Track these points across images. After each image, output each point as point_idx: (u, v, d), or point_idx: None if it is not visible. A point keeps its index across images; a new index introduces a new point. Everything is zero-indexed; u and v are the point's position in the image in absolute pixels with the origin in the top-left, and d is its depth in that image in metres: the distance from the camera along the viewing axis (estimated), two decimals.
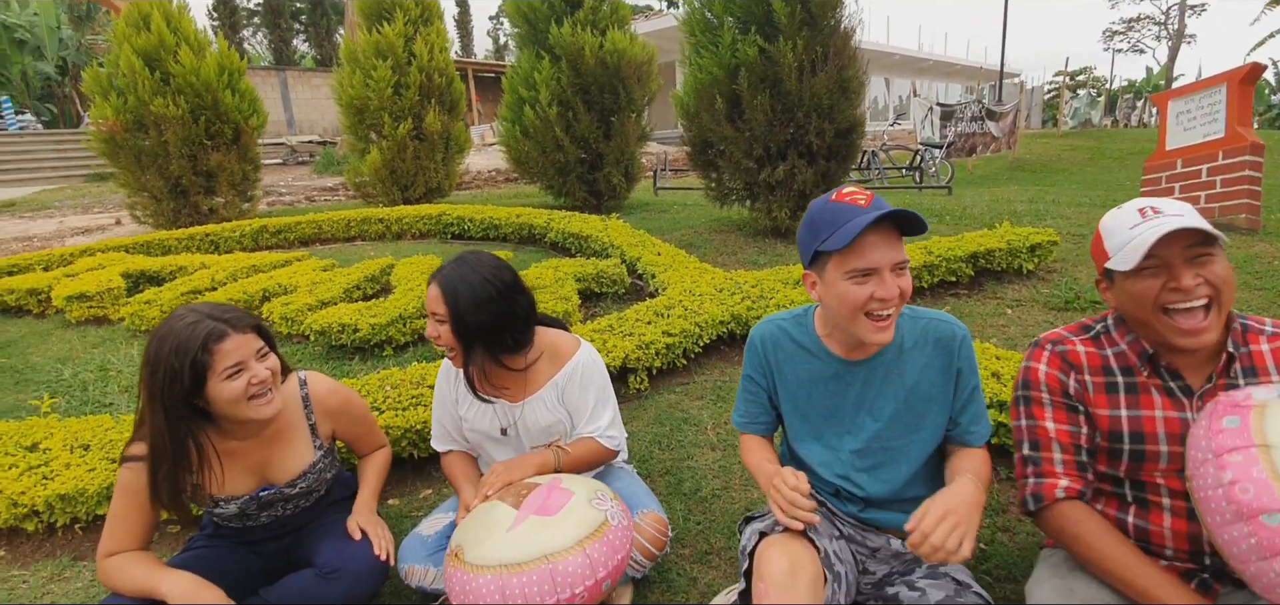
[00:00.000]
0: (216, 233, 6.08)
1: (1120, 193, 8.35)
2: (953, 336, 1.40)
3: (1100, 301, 3.52)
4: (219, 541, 1.73)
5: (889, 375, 1.42)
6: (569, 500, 1.43)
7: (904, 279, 1.29)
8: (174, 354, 1.39)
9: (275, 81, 21.53)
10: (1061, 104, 20.05)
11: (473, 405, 1.77)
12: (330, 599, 1.58)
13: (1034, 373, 1.37)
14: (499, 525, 1.41)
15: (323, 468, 1.71)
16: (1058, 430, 1.33)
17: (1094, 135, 20.11)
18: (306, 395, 1.67)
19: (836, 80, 4.42)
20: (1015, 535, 1.95)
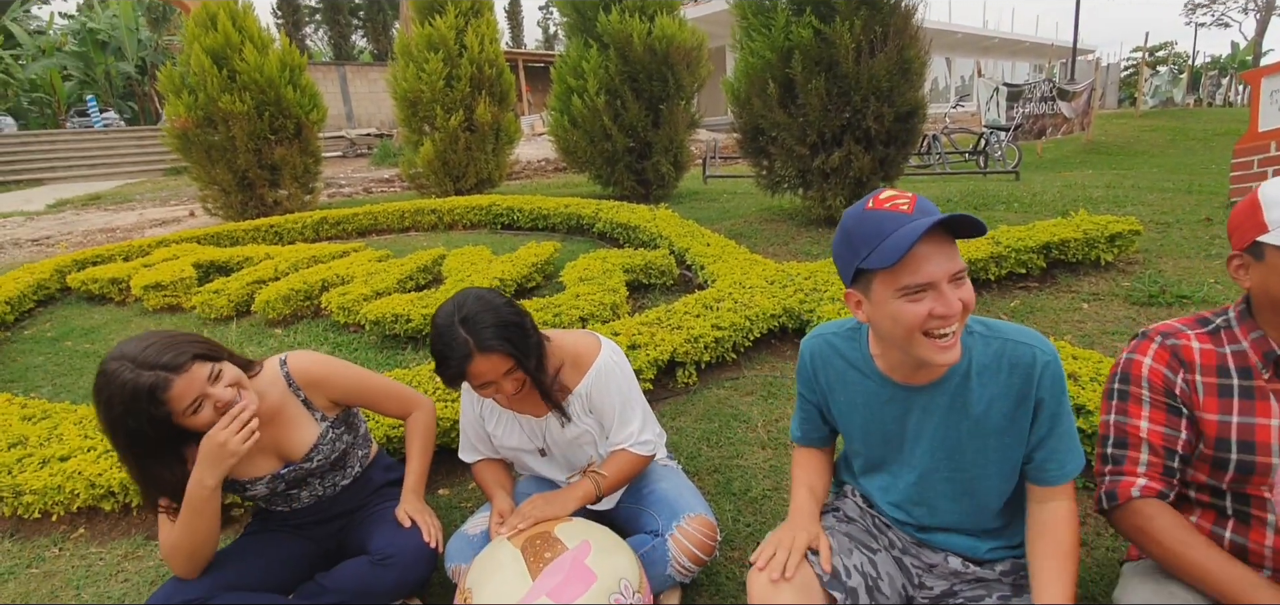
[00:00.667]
0: (280, 224, 6.32)
1: (1206, 177, 7.74)
2: (1032, 362, 1.19)
3: (1188, 297, 3.24)
4: (272, 528, 1.78)
5: (953, 404, 1.25)
6: (588, 588, 1.32)
7: (965, 289, 1.11)
8: (128, 413, 1.36)
9: (335, 76, 22.29)
10: (1140, 82, 18.76)
11: (500, 422, 1.75)
12: (383, 584, 1.61)
13: (1136, 367, 1.24)
14: (510, 592, 1.33)
15: (335, 438, 1.72)
16: (1150, 430, 1.21)
17: (1176, 115, 18.77)
18: (288, 374, 1.66)
19: (897, 61, 4.22)
20: (1093, 550, 1.81)
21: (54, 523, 2.28)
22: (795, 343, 3.21)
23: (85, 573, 2.05)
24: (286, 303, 4.06)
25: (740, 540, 1.94)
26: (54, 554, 2.15)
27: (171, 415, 1.40)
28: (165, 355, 1.39)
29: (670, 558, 1.59)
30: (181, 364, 1.39)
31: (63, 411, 2.64)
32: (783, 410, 2.65)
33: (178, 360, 1.39)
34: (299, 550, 1.77)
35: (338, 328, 3.92)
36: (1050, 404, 1.20)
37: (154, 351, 1.39)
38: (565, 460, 1.76)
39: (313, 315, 4.23)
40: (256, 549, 1.73)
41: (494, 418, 1.76)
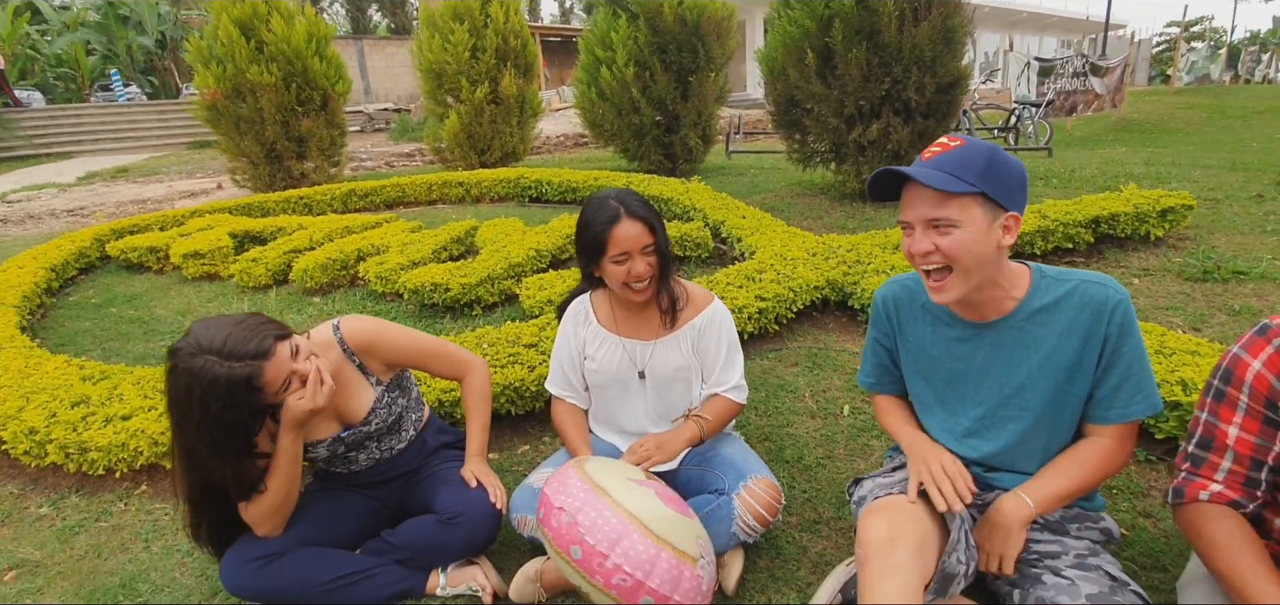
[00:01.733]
0: (309, 196, 6.35)
1: (1248, 155, 7.53)
2: (1105, 300, 1.24)
3: (1245, 273, 3.17)
4: (336, 486, 1.81)
5: (1022, 340, 1.30)
6: (688, 518, 1.44)
7: (946, 238, 1.19)
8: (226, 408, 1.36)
9: (352, 50, 22.24)
10: (1176, 57, 18.22)
11: (603, 345, 1.77)
12: (453, 542, 1.66)
13: (1242, 368, 1.12)
14: (627, 473, 1.46)
15: (391, 402, 1.74)
16: (1240, 438, 1.12)
17: (1212, 92, 18.24)
18: (341, 339, 1.67)
19: (940, 29, 4.12)
20: (1159, 522, 1.79)
21: (117, 479, 2.33)
22: (838, 315, 3.18)
23: (152, 527, 2.10)
24: (324, 272, 4.09)
25: (797, 506, 1.95)
26: (120, 509, 2.21)
27: (267, 401, 1.44)
28: (251, 344, 1.39)
29: (736, 516, 1.60)
30: (268, 349, 1.41)
31: (120, 372, 2.69)
32: (829, 381, 2.64)
33: (263, 346, 1.40)
34: (363, 507, 1.81)
35: (375, 297, 3.95)
36: (1116, 342, 1.24)
37: (237, 342, 1.38)
38: (658, 395, 1.77)
39: (349, 284, 4.26)
40: (323, 506, 1.76)
41: (597, 341, 1.78)
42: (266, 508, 1.54)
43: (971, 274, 1.23)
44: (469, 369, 1.90)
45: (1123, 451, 1.29)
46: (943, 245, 1.21)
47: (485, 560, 1.76)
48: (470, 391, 1.89)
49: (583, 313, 1.82)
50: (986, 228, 1.20)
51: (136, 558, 1.97)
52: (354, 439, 1.71)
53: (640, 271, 1.60)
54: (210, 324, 1.42)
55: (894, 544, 1.16)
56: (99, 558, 1.99)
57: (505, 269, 3.65)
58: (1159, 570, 1.62)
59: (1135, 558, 1.66)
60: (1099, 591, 1.19)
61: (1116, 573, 1.26)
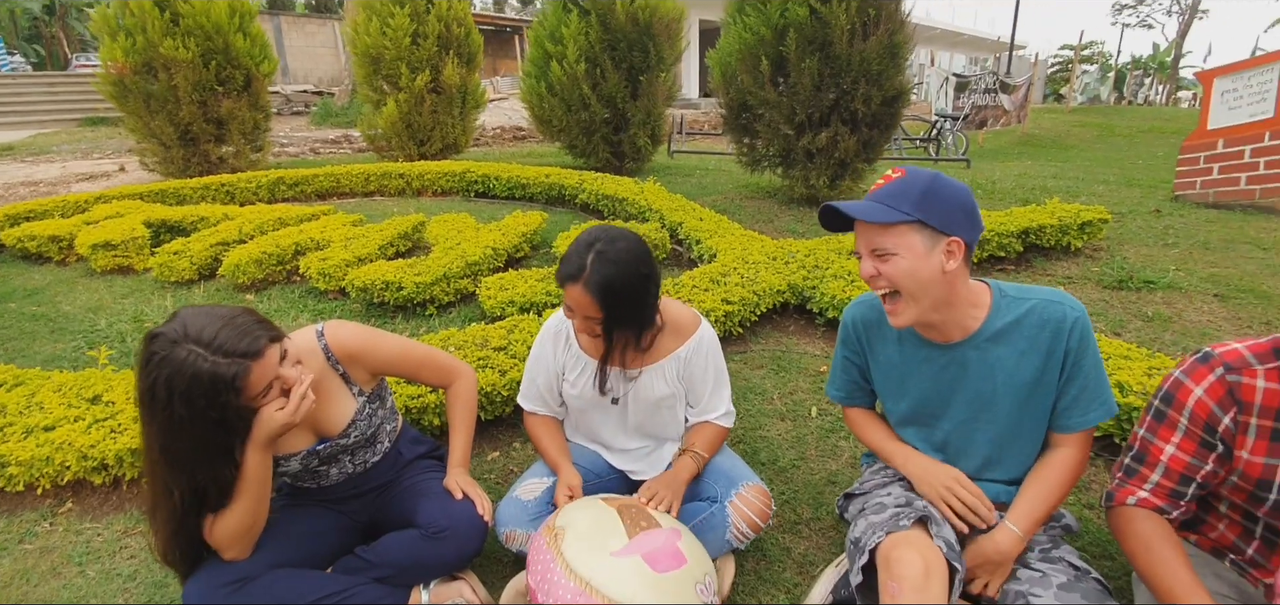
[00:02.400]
0: (232, 183, 5.93)
1: (1136, 171, 8.31)
2: (1063, 319, 1.31)
3: (1154, 282, 3.49)
4: (302, 503, 1.70)
5: (985, 359, 1.37)
6: (679, 569, 1.33)
7: (888, 265, 1.28)
8: (210, 406, 1.26)
9: (269, 27, 20.90)
10: (1072, 78, 19.83)
11: (583, 372, 1.72)
12: (438, 557, 1.58)
13: (1184, 394, 1.19)
14: (607, 542, 1.35)
15: (371, 413, 1.65)
16: (1174, 458, 1.21)
17: (1102, 111, 19.96)
18: (326, 346, 1.58)
19: (887, 45, 4.31)
20: (1101, 514, 1.95)
21: (39, 496, 2.11)
22: (798, 318, 3.28)
23: (84, 549, 1.91)
24: (258, 267, 3.84)
25: (776, 509, 1.98)
26: (46, 529, 2.00)
27: (244, 404, 1.32)
28: (243, 341, 1.29)
29: (729, 524, 1.61)
30: (260, 349, 1.30)
31: (37, 378, 2.43)
32: (795, 383, 2.71)
33: (256, 346, 1.30)
34: (333, 524, 1.70)
35: (317, 294, 3.74)
36: (1076, 356, 1.32)
37: (228, 336, 1.28)
38: (639, 419, 1.74)
39: (285, 280, 4.02)
40: (291, 524, 1.65)
41: (577, 367, 1.72)
42: (233, 529, 1.41)
43: (919, 298, 1.29)
44: (457, 375, 1.82)
45: (1084, 456, 1.39)
46: (885, 272, 1.29)
47: (471, 575, 1.70)
48: (456, 399, 1.81)
49: (563, 333, 1.75)
50: (926, 254, 1.26)
51: (71, 584, 1.79)
52: (329, 452, 1.61)
53: (580, 328, 1.57)
54: (201, 312, 1.31)
55: (929, 577, 1.20)
56: (28, 584, 1.80)
57: (462, 268, 3.53)
58: (1107, 559, 1.76)
59: (1084, 547, 1.80)
60: (1066, 580, 1.29)
61: (1077, 562, 1.36)
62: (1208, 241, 4.18)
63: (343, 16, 20.31)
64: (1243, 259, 3.87)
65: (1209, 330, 3.00)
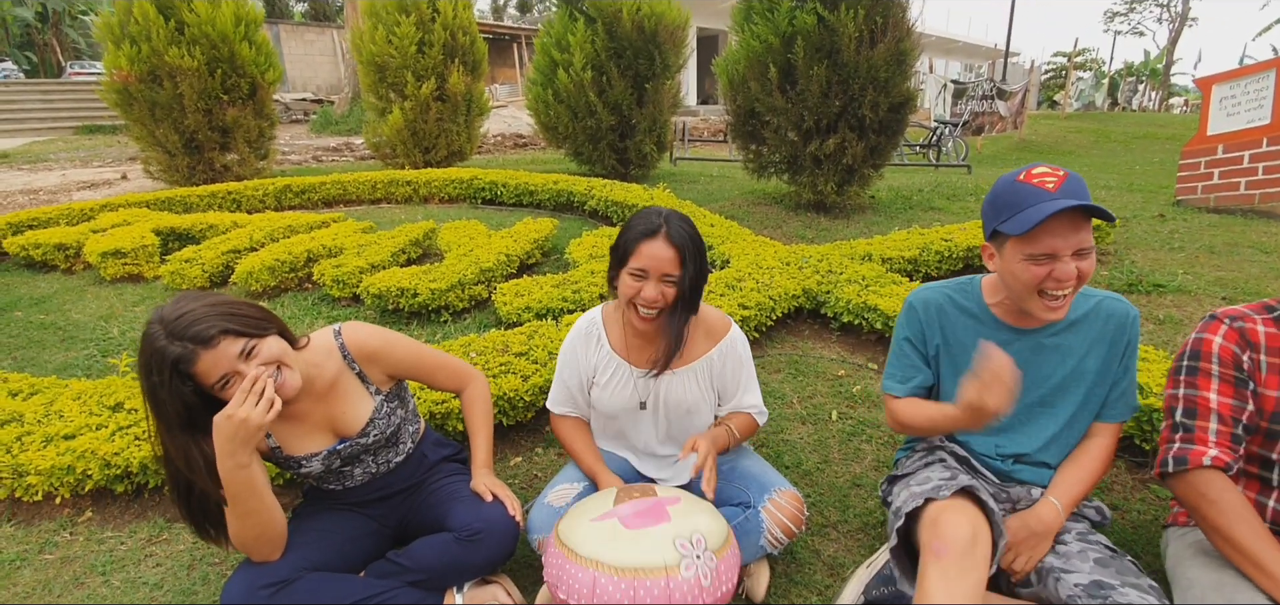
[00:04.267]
0: (239, 191, 5.92)
1: (1134, 176, 8.38)
2: (1126, 314, 1.42)
3: (1163, 285, 3.52)
4: (333, 505, 1.70)
5: (1058, 347, 1.44)
6: (656, 525, 1.36)
7: (1086, 262, 1.29)
8: (161, 385, 1.28)
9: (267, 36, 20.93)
10: (1067, 84, 20.02)
11: (613, 376, 1.72)
12: (473, 560, 1.58)
13: (1207, 344, 1.32)
14: (591, 512, 1.44)
15: (390, 413, 1.66)
16: (1220, 402, 1.29)
17: (1097, 118, 20.13)
18: (343, 345, 1.60)
19: (894, 52, 4.34)
20: (1126, 514, 1.96)
21: (57, 506, 2.10)
22: (812, 323, 3.29)
23: (108, 558, 1.90)
24: (272, 274, 3.84)
25: (807, 516, 1.99)
26: (66, 539, 1.98)
27: (200, 391, 1.32)
28: (197, 326, 1.29)
29: (764, 529, 1.62)
30: (210, 337, 1.29)
31: (54, 386, 2.42)
32: (814, 387, 2.72)
33: (207, 333, 1.29)
34: (363, 528, 1.70)
35: (330, 301, 3.74)
36: (1131, 351, 1.44)
37: (188, 319, 1.29)
38: (668, 426, 1.75)
39: (297, 287, 4.01)
40: (324, 527, 1.65)
41: (609, 369, 1.72)
42: (237, 535, 1.41)
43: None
44: (470, 380, 1.83)
45: (1114, 448, 1.49)
46: (1083, 268, 1.30)
47: (505, 577, 1.70)
48: (473, 403, 1.82)
49: (594, 333, 1.75)
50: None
51: (96, 593, 1.78)
52: (349, 452, 1.61)
53: (650, 297, 1.53)
54: (190, 296, 1.35)
55: (975, 543, 1.22)
56: (51, 594, 1.78)
57: (476, 274, 3.54)
58: (1129, 553, 1.78)
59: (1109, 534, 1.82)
60: (1102, 556, 1.33)
61: (1111, 546, 1.39)
62: (1212, 245, 4.21)
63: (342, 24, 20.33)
64: (1246, 262, 3.90)
65: None
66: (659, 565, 1.28)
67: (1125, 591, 1.21)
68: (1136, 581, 1.24)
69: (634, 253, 1.53)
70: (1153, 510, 1.96)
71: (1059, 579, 1.31)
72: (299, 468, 1.59)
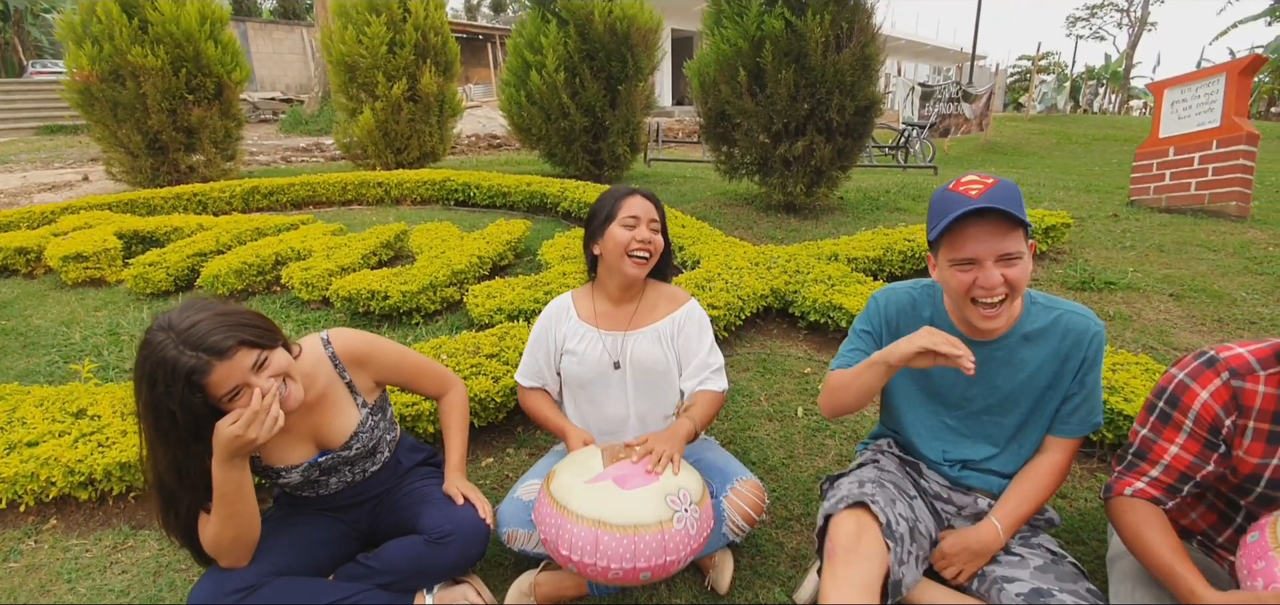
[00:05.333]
0: (205, 193, 5.82)
1: (1093, 177, 8.65)
2: (1086, 331, 1.39)
3: (1114, 283, 3.66)
4: (303, 509, 1.70)
5: (1011, 359, 1.44)
6: (648, 484, 1.47)
7: (1013, 269, 1.28)
8: (169, 395, 1.26)
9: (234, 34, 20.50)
10: (1031, 87, 20.53)
11: (583, 339, 1.80)
12: (442, 561, 1.60)
13: (1190, 396, 1.23)
14: (584, 471, 1.52)
15: (374, 425, 1.67)
16: (1177, 457, 1.26)
17: (1059, 120, 20.67)
18: (333, 354, 1.59)
19: (859, 57, 4.45)
20: (1074, 502, 2.06)
21: (21, 514, 2.07)
22: (780, 322, 3.37)
23: (73, 566, 1.89)
24: (238, 277, 3.79)
25: (766, 507, 2.05)
26: (31, 547, 1.96)
27: (209, 401, 1.30)
28: (213, 336, 1.27)
29: (726, 517, 1.67)
30: (227, 348, 1.28)
31: (16, 393, 2.38)
32: (781, 384, 2.79)
33: (224, 344, 1.28)
34: (334, 532, 1.71)
35: (299, 304, 3.71)
36: (1088, 368, 1.41)
37: (203, 329, 1.28)
38: (639, 388, 1.80)
39: (265, 290, 3.97)
40: (293, 532, 1.65)
41: (577, 336, 1.81)
42: (214, 540, 1.41)
43: (1018, 300, 1.35)
44: (450, 385, 1.87)
45: (1069, 463, 1.48)
46: (1011, 276, 1.28)
47: (475, 577, 1.73)
48: (452, 408, 1.85)
49: (563, 308, 1.86)
50: (1028, 259, 1.32)
51: (62, 601, 1.77)
52: (330, 464, 1.62)
53: (645, 236, 1.70)
54: (205, 304, 1.33)
55: (860, 537, 1.30)
56: (16, 602, 1.76)
57: (448, 276, 3.55)
58: (1079, 544, 1.87)
59: (1058, 533, 1.90)
60: (1042, 563, 1.38)
61: (1055, 548, 1.46)
62: (1162, 244, 4.39)
63: (312, 23, 20.00)
64: (1194, 260, 4.08)
65: (1166, 327, 3.17)
66: (655, 521, 1.41)
67: (1062, 597, 1.26)
68: (1074, 587, 1.30)
69: (622, 207, 1.72)
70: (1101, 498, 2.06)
71: (1002, 588, 1.35)
72: (277, 478, 1.60)
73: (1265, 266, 3.88)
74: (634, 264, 1.71)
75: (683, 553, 1.43)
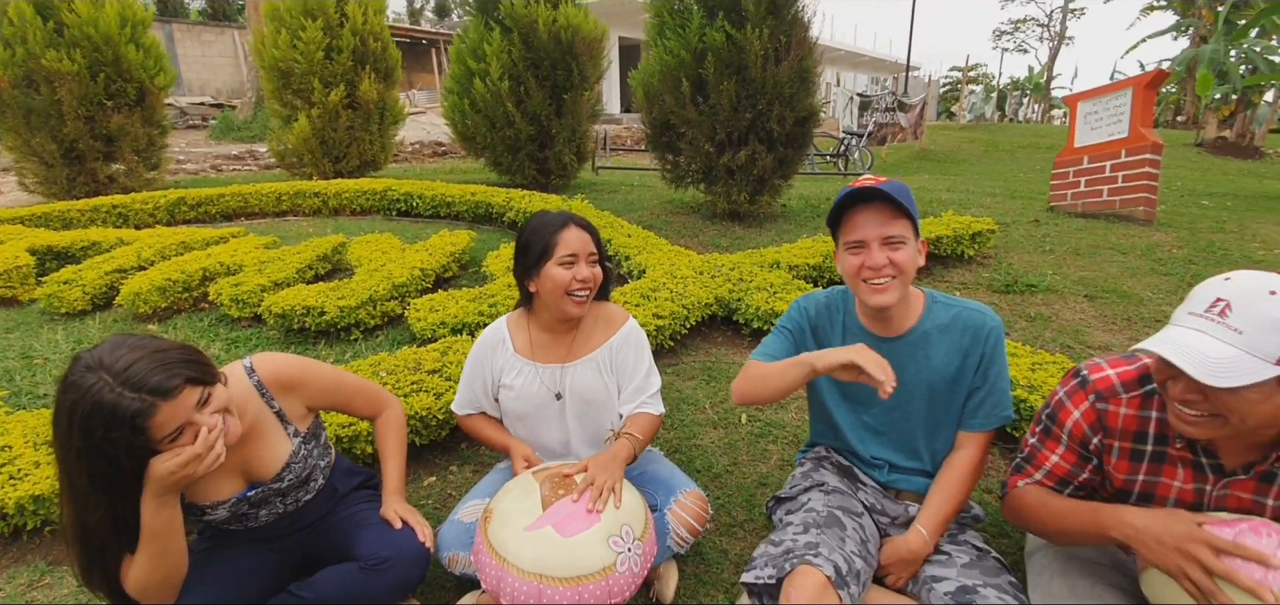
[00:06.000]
0: (126, 205, 5.51)
1: (1018, 183, 9.15)
2: (982, 326, 1.50)
3: (1035, 285, 3.89)
4: (232, 540, 1.63)
5: (915, 354, 1.54)
6: (590, 527, 1.44)
7: (899, 252, 1.42)
8: (107, 440, 1.19)
9: (160, 35, 19.42)
10: (961, 97, 21.54)
11: (520, 373, 1.77)
12: (379, 588, 1.54)
13: (1065, 414, 1.35)
14: (523, 516, 1.47)
15: (307, 454, 1.61)
16: (1057, 464, 1.39)
17: (987, 128, 21.73)
18: (259, 382, 1.52)
19: (798, 69, 4.59)
20: (999, 497, 2.17)
21: None
22: (726, 330, 3.43)
23: None
24: (162, 294, 3.61)
25: (713, 514, 2.09)
26: None
27: (148, 444, 1.24)
28: (155, 376, 1.21)
29: (670, 530, 1.70)
30: (173, 388, 1.22)
31: None
32: (725, 392, 2.85)
33: (169, 384, 1.22)
34: (264, 562, 1.64)
35: (229, 322, 3.56)
36: (988, 361, 1.52)
37: (142, 369, 1.21)
38: (579, 418, 1.78)
39: (192, 308, 3.79)
40: (221, 566, 1.57)
41: (514, 369, 1.78)
42: (140, 581, 1.33)
43: (905, 284, 1.46)
44: (386, 404, 1.81)
45: (984, 456, 1.58)
46: (896, 258, 1.42)
47: (415, 602, 1.70)
48: (387, 428, 1.80)
49: (498, 340, 1.81)
50: (914, 246, 1.45)
51: None
52: (260, 497, 1.55)
53: (585, 275, 1.66)
54: (132, 340, 1.25)
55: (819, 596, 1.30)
56: None
57: (389, 290, 3.47)
58: (1005, 536, 1.97)
59: (984, 528, 2.01)
60: (968, 560, 1.47)
61: (980, 544, 1.55)
62: (1078, 248, 4.68)
63: (244, 24, 19.20)
64: (1107, 263, 4.36)
65: (1081, 327, 3.38)
66: (599, 569, 1.39)
67: (986, 593, 1.34)
68: (997, 581, 1.39)
69: (558, 243, 1.64)
70: None
71: (932, 588, 1.43)
72: (203, 516, 1.52)
73: (1169, 268, 4.18)
74: (575, 303, 1.68)
75: (628, 592, 1.42)
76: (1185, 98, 19.23)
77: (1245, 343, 1.02)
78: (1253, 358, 1.01)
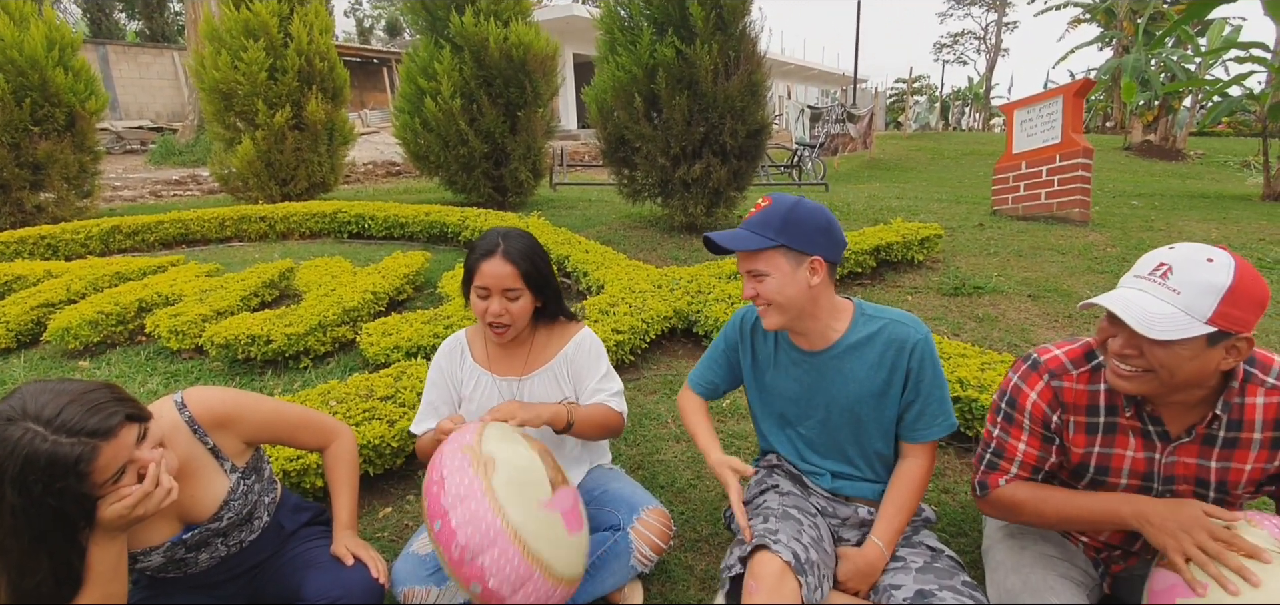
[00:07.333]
0: (55, 235, 5.22)
1: (963, 188, 9.50)
2: (905, 339, 1.50)
3: (981, 287, 4.02)
4: (170, 588, 1.53)
5: (840, 368, 1.55)
6: (580, 533, 1.46)
7: (762, 284, 1.48)
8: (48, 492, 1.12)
9: (94, 57, 18.59)
10: (907, 108, 22.31)
11: (478, 385, 1.75)
12: None
13: (1023, 397, 1.39)
14: (536, 493, 1.37)
15: (247, 490, 1.52)
16: (1026, 453, 1.42)
17: (933, 137, 22.56)
18: (190, 418, 1.44)
19: (747, 83, 4.67)
20: (956, 496, 2.22)
21: None
22: (686, 342, 3.43)
23: None
24: (94, 328, 3.42)
25: (677, 529, 2.07)
26: None
27: (91, 490, 1.17)
28: (92, 418, 1.15)
29: (633, 549, 1.67)
30: (112, 427, 1.16)
31: None
32: None
33: (108, 423, 1.16)
34: None
35: (168, 355, 3.39)
36: (917, 375, 1.52)
37: (74, 412, 1.14)
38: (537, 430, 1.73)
39: (127, 341, 3.60)
40: None
41: (472, 381, 1.76)
42: None
43: (786, 309, 1.49)
44: (335, 435, 1.73)
45: (931, 464, 1.59)
46: (760, 290, 1.48)
47: None
48: (337, 460, 1.71)
49: (458, 350, 1.80)
50: (792, 272, 1.46)
51: None
52: (197, 540, 1.45)
53: (495, 311, 1.62)
54: (47, 387, 1.17)
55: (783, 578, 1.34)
56: None
57: (339, 315, 3.36)
58: (962, 535, 2.01)
59: (941, 528, 2.04)
60: (923, 563, 1.48)
61: (935, 544, 1.57)
62: (1021, 249, 4.87)
63: (184, 46, 18.53)
64: (1047, 262, 4.55)
65: (1027, 326, 3.50)
66: (572, 576, 1.40)
67: (943, 595, 1.36)
68: (952, 582, 1.40)
69: (476, 272, 1.63)
70: None
71: (890, 594, 1.44)
72: (135, 563, 1.41)
73: (1105, 266, 4.39)
74: (495, 333, 1.67)
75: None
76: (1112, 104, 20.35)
77: (1182, 302, 1.11)
78: (1187, 316, 1.10)
